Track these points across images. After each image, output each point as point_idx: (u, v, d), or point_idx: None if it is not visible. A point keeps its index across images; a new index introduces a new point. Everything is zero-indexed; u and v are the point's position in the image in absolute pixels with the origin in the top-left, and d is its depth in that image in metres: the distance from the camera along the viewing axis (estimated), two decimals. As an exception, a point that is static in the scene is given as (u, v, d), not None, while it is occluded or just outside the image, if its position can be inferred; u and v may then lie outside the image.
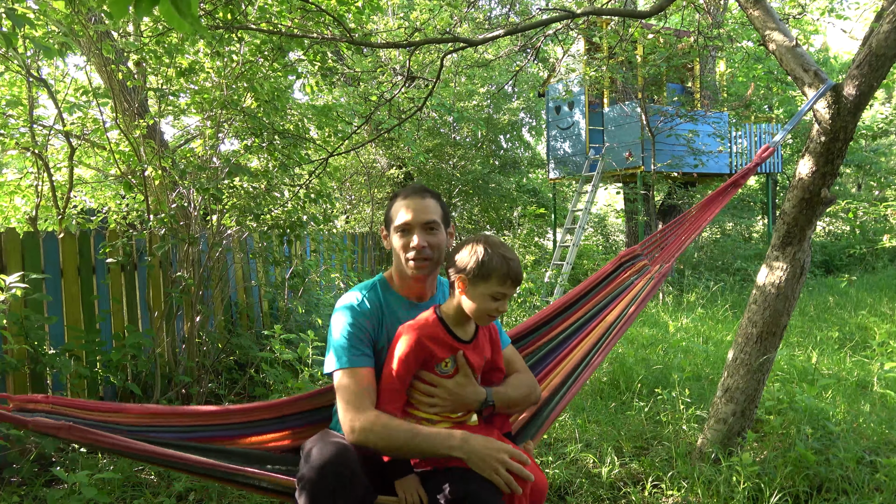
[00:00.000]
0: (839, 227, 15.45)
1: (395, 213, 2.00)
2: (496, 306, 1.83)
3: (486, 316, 1.85)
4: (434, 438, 1.75)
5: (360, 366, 1.87)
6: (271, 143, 4.53)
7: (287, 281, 5.19)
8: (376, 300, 1.99)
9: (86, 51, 4.84)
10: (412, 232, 1.96)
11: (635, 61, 9.97)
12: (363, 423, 1.77)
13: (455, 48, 4.84)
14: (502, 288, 1.82)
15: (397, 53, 9.49)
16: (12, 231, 3.53)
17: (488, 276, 1.81)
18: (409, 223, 1.96)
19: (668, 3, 3.67)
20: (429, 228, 1.97)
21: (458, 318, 1.89)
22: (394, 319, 1.98)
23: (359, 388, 1.83)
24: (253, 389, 4.37)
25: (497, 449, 1.71)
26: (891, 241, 5.62)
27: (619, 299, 2.47)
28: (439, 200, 2.04)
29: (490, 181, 12.59)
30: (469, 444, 1.72)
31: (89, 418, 1.85)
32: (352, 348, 1.88)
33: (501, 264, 1.81)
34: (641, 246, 2.61)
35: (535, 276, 9.25)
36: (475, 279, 1.82)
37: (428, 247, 1.95)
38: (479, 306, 1.83)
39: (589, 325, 2.43)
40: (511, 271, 1.82)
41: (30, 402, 1.79)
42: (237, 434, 2.05)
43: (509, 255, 1.84)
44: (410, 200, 1.98)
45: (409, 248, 1.95)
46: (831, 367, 5.14)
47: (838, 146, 2.73)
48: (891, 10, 2.53)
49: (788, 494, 2.75)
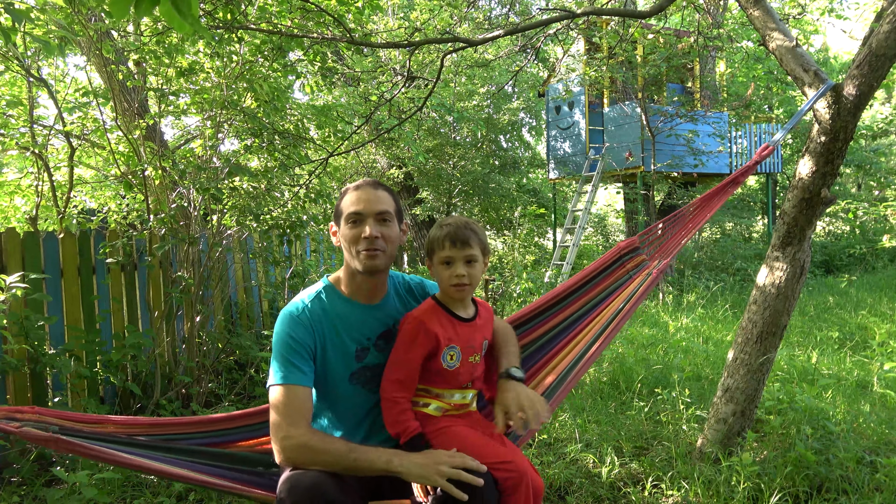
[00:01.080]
0: (839, 227, 15.45)
1: (345, 205, 1.92)
2: (450, 272, 1.88)
3: (449, 286, 1.90)
4: (371, 453, 1.74)
5: (295, 383, 1.81)
6: (271, 143, 4.53)
7: (287, 281, 5.19)
8: (319, 309, 1.91)
9: (86, 51, 4.84)
10: (364, 222, 1.87)
11: (635, 61, 9.97)
12: (293, 443, 1.74)
13: (455, 48, 4.84)
14: (445, 252, 1.88)
15: (397, 53, 9.49)
16: (12, 231, 3.53)
17: (432, 248, 1.92)
18: (361, 212, 1.88)
19: (668, 3, 3.67)
20: (382, 219, 1.89)
21: (448, 299, 1.95)
22: (344, 325, 1.92)
23: (291, 406, 1.79)
24: (253, 389, 4.37)
25: (435, 462, 1.70)
26: (891, 241, 5.63)
27: (616, 294, 2.42)
28: (392, 194, 1.97)
29: (490, 181, 12.59)
30: (408, 459, 1.72)
31: (76, 429, 1.82)
32: (289, 364, 1.83)
33: (436, 231, 1.91)
34: (640, 238, 2.57)
35: (535, 276, 9.25)
36: (428, 256, 1.95)
37: (381, 238, 1.87)
38: (440, 278, 1.92)
39: (584, 319, 2.38)
40: (446, 234, 1.88)
41: (17, 412, 1.76)
42: (222, 441, 2.04)
43: (446, 222, 1.92)
44: (362, 192, 1.91)
45: (360, 238, 1.87)
46: (831, 367, 5.14)
47: (838, 146, 2.73)
48: (891, 10, 2.53)
49: (788, 494, 2.75)
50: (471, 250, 1.88)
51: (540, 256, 11.39)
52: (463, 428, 1.88)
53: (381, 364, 1.94)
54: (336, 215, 1.98)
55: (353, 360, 1.93)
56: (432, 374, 1.89)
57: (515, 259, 11.62)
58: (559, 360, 2.29)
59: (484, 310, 2.02)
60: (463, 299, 1.95)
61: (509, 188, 13.47)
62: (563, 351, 2.32)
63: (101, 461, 1.76)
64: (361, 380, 1.94)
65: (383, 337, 1.97)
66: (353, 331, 1.93)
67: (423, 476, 1.69)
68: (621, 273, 2.47)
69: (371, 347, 1.95)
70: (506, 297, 7.28)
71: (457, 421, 1.90)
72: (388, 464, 1.72)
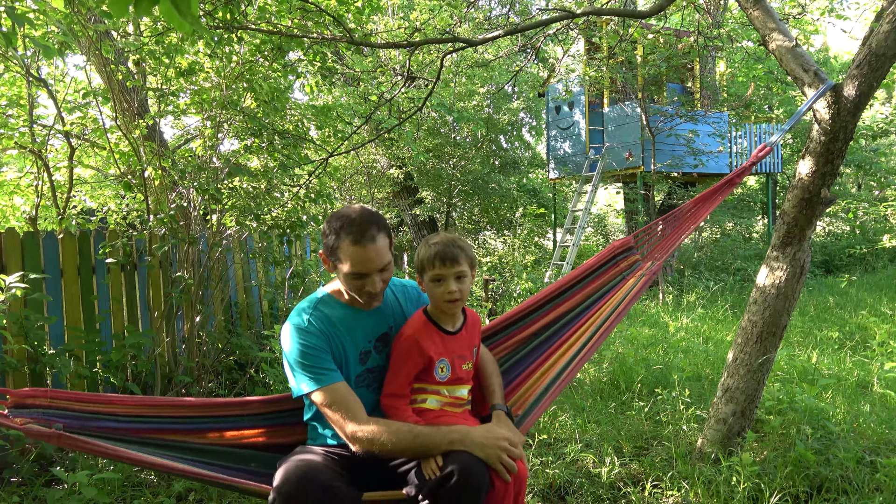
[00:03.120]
0: (839, 227, 15.44)
1: (344, 256, 1.87)
2: (442, 289, 1.94)
3: (442, 302, 1.96)
4: (434, 435, 1.81)
5: (331, 382, 1.88)
6: (271, 143, 4.53)
7: (287, 281, 5.19)
8: (323, 316, 1.96)
9: (86, 51, 4.84)
10: (368, 277, 1.90)
11: (635, 61, 9.97)
12: (366, 433, 1.82)
13: (455, 48, 4.84)
14: (435, 270, 1.93)
15: (397, 53, 9.49)
16: (12, 231, 3.53)
17: (422, 266, 1.97)
18: (365, 273, 1.89)
19: (668, 3, 3.67)
20: (384, 270, 1.93)
21: (438, 313, 2.01)
22: (347, 329, 1.99)
23: (346, 400, 1.87)
24: (253, 389, 4.37)
25: (497, 437, 1.80)
26: (891, 241, 5.62)
27: (610, 295, 2.42)
28: (387, 232, 1.94)
29: (490, 181, 12.60)
30: (469, 437, 1.79)
31: (87, 410, 1.87)
32: (315, 369, 1.89)
33: (425, 250, 1.96)
34: (635, 238, 2.57)
35: (535, 276, 9.25)
36: (419, 274, 2.00)
37: (383, 283, 1.95)
38: (432, 294, 1.98)
39: (580, 318, 2.38)
40: (435, 253, 1.93)
41: (29, 397, 1.79)
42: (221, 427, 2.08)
43: (433, 240, 1.97)
44: (361, 248, 1.85)
45: (364, 290, 1.92)
46: (831, 367, 5.14)
47: (838, 146, 2.73)
48: (891, 10, 2.53)
49: (788, 494, 2.75)
50: (460, 267, 1.94)
51: (540, 256, 11.39)
52: (457, 417, 1.98)
53: (381, 366, 2.03)
54: (329, 251, 1.92)
55: (357, 363, 2.01)
56: (428, 380, 1.99)
57: (515, 259, 11.63)
58: (553, 363, 2.30)
59: (471, 318, 2.11)
60: (455, 313, 2.03)
61: (509, 188, 13.48)
62: (557, 352, 2.32)
63: (106, 457, 1.78)
64: (366, 382, 2.03)
65: (382, 339, 2.05)
66: (356, 333, 2.00)
67: (487, 457, 1.77)
68: (615, 273, 2.47)
69: (372, 350, 2.03)
70: (506, 297, 7.28)
71: (453, 413, 2.00)
72: (451, 445, 1.78)
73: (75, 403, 1.87)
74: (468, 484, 1.72)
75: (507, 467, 1.79)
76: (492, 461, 1.77)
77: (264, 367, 4.21)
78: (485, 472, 1.76)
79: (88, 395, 1.94)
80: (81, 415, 1.86)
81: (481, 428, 1.85)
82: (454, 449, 1.77)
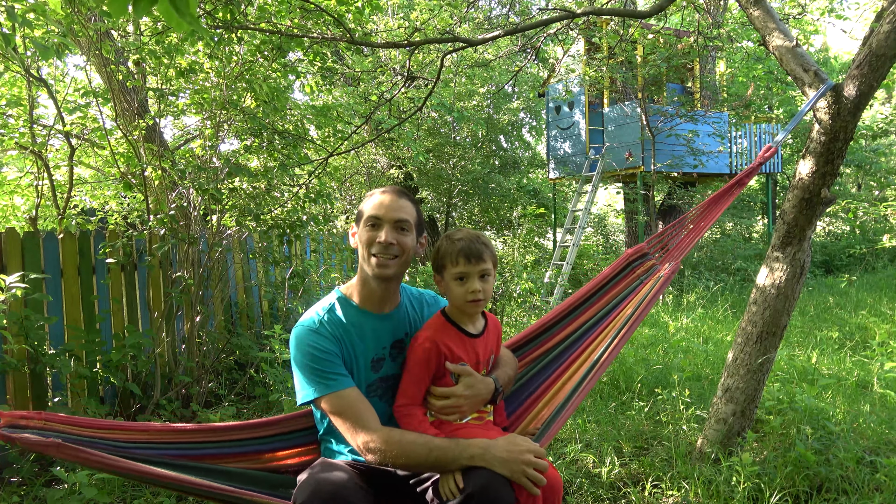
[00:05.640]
0: (839, 227, 15.45)
1: (366, 208, 1.93)
2: (465, 288, 1.85)
3: (464, 302, 1.86)
4: (453, 449, 1.69)
5: (341, 388, 1.80)
6: (271, 143, 4.53)
7: (287, 281, 5.19)
8: (336, 319, 1.89)
9: (86, 51, 4.84)
10: (381, 227, 1.87)
11: (635, 61, 9.97)
12: (378, 443, 1.72)
13: (455, 48, 4.84)
14: (459, 267, 1.84)
15: (397, 53, 9.48)
16: (12, 231, 3.53)
17: (443, 263, 1.88)
18: (380, 217, 1.88)
19: (668, 3, 3.67)
20: (399, 227, 1.88)
21: (459, 314, 1.92)
22: (359, 334, 1.90)
23: (357, 407, 1.78)
24: (253, 389, 4.37)
25: (521, 450, 1.67)
26: (891, 241, 5.61)
27: (629, 300, 2.39)
28: (416, 205, 1.97)
29: (490, 181, 12.59)
30: (490, 452, 1.66)
31: (83, 434, 1.77)
32: (324, 374, 1.80)
33: (448, 246, 1.87)
34: (648, 244, 2.56)
35: (535, 276, 9.25)
36: (438, 272, 1.91)
37: (396, 244, 1.86)
38: (453, 293, 1.88)
39: (599, 326, 2.36)
40: (459, 250, 1.84)
41: (22, 418, 1.73)
42: (230, 453, 1.97)
43: (457, 237, 1.88)
44: (386, 196, 1.91)
45: (374, 242, 1.86)
46: (831, 367, 5.14)
47: (838, 146, 2.73)
48: (891, 10, 2.53)
49: (788, 494, 2.75)
50: (485, 265, 1.85)
51: (540, 256, 11.37)
52: (477, 429, 1.86)
53: (395, 375, 1.93)
54: (357, 217, 1.98)
55: (370, 370, 1.92)
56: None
57: (515, 259, 11.62)
58: (577, 368, 2.26)
59: (492, 323, 2.01)
60: (477, 314, 1.93)
61: (509, 188, 13.47)
62: (577, 361, 2.29)
63: (105, 469, 1.71)
64: (378, 391, 1.93)
65: (396, 346, 1.97)
66: (368, 340, 1.92)
67: (511, 472, 1.64)
68: (632, 279, 2.45)
69: (386, 357, 1.94)
70: (506, 297, 7.28)
71: (475, 425, 1.89)
72: (471, 460, 1.66)
73: (71, 427, 1.76)
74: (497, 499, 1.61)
75: (534, 480, 1.65)
76: (516, 477, 1.64)
77: (264, 366, 4.21)
78: (509, 491, 1.64)
79: (85, 420, 1.82)
80: (79, 438, 1.75)
81: (503, 440, 1.70)
82: (474, 465, 1.65)
